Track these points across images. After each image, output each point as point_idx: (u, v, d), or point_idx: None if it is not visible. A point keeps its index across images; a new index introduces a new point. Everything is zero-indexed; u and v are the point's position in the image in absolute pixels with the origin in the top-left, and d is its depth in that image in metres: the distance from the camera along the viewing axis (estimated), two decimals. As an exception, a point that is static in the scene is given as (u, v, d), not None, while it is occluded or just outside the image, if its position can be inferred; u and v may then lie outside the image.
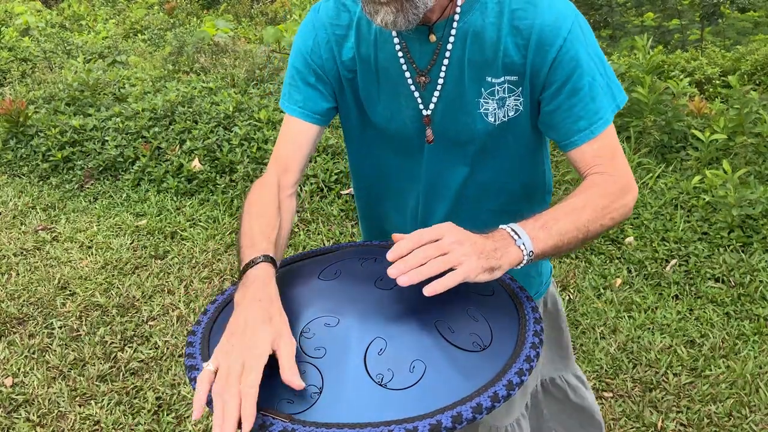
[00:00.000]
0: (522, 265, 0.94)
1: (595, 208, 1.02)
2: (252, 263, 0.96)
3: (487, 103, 1.11)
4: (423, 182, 1.23)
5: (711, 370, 2.36)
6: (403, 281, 0.84)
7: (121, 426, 2.23)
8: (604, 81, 1.09)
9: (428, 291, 0.84)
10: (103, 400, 2.34)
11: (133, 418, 2.26)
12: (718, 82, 5.10)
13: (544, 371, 1.57)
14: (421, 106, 1.15)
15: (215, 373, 0.82)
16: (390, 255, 0.86)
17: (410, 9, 1.00)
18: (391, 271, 0.85)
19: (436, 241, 0.88)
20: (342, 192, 3.63)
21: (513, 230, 0.95)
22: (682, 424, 2.16)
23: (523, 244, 0.94)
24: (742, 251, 2.93)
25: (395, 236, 0.92)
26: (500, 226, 0.96)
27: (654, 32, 6.42)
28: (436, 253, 0.86)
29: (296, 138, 1.20)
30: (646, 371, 2.38)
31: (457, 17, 1.08)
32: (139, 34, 8.00)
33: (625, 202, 1.07)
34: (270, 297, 0.91)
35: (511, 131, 1.15)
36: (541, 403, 1.60)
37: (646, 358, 2.43)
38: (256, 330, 0.84)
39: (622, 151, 1.12)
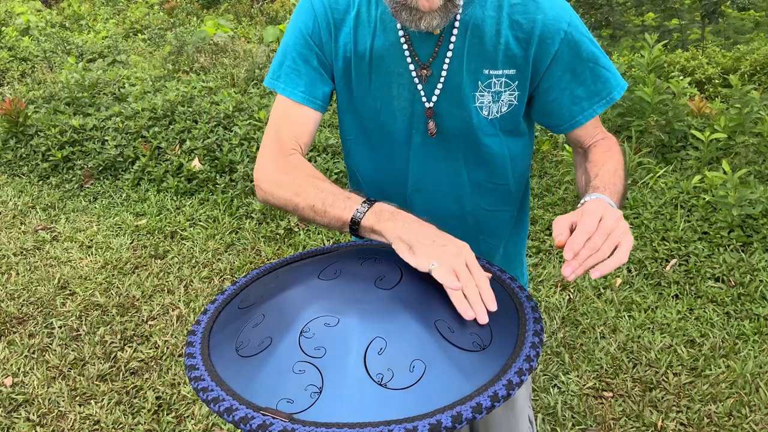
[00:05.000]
0: None
1: (623, 169, 1.13)
2: (370, 200, 1.01)
3: (483, 96, 1.12)
4: (410, 178, 1.22)
5: (711, 369, 2.36)
6: (573, 278, 0.88)
7: (120, 426, 2.23)
8: (603, 65, 1.14)
9: (596, 274, 0.86)
10: (102, 399, 2.34)
11: (133, 418, 2.26)
12: (718, 81, 5.09)
13: None
14: (423, 99, 1.14)
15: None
16: (568, 253, 0.89)
17: (452, 9, 1.02)
18: (566, 271, 0.88)
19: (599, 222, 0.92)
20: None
21: (608, 201, 0.99)
22: (682, 424, 2.16)
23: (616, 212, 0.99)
24: (742, 251, 2.93)
25: (560, 242, 0.92)
26: (593, 196, 1.00)
27: (654, 32, 6.41)
28: (604, 240, 0.89)
29: (303, 122, 1.17)
30: (646, 371, 2.38)
31: (459, 9, 1.08)
32: (139, 34, 8.00)
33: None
34: (425, 221, 0.97)
35: (504, 128, 1.16)
36: None
37: (646, 357, 2.43)
38: (448, 237, 0.92)
39: None
